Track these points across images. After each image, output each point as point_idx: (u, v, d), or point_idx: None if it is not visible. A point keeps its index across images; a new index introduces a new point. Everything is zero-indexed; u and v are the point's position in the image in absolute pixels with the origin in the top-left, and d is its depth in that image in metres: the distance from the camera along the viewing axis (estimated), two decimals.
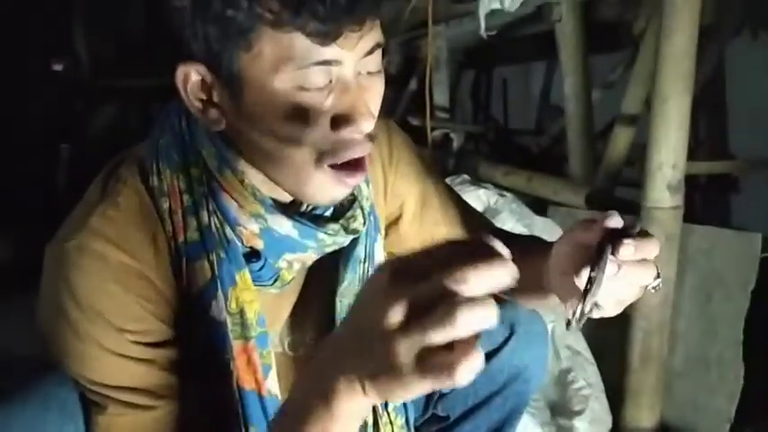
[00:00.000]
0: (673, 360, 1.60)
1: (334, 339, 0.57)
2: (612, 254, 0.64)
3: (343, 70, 0.70)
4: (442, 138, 2.40)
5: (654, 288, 0.69)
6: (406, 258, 0.51)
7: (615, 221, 0.67)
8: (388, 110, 2.57)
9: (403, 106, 2.60)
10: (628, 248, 0.64)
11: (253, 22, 0.67)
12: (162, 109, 0.83)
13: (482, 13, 1.89)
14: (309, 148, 0.72)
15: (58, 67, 3.33)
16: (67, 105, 3.45)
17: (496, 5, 1.88)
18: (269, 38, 0.67)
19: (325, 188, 0.75)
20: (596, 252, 0.65)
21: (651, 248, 0.66)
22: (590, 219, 0.69)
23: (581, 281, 0.67)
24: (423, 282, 0.48)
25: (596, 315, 0.68)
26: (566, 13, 1.91)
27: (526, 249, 0.89)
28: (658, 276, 0.68)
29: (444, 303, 0.47)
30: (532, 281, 0.81)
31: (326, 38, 0.67)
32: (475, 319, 0.46)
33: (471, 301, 0.47)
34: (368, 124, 0.72)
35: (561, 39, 1.95)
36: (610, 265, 0.63)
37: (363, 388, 0.50)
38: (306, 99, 0.69)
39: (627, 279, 0.66)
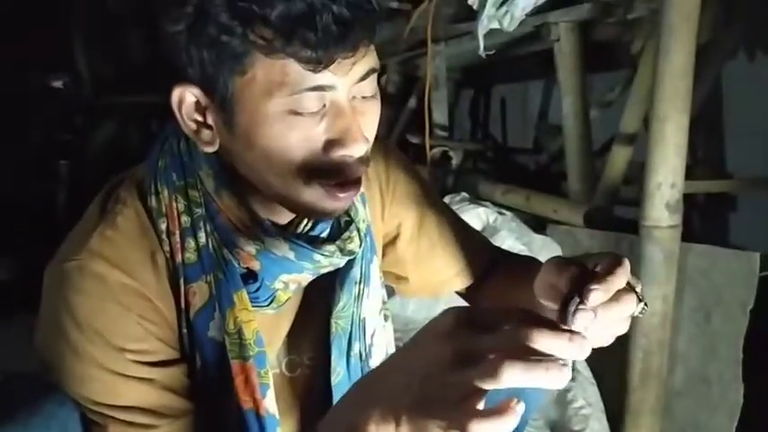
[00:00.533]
0: (673, 379, 1.59)
1: (375, 372, 0.59)
2: (583, 302, 0.59)
3: (337, 95, 0.71)
4: (441, 156, 2.41)
5: (640, 313, 0.65)
6: (474, 309, 0.55)
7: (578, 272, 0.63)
8: (388, 128, 2.59)
9: (402, 124, 2.62)
10: (596, 295, 0.59)
11: (246, 48, 0.67)
12: (162, 128, 0.84)
13: (481, 32, 1.91)
14: (300, 168, 0.72)
15: (57, 84, 3.34)
16: (68, 122, 3.47)
17: (495, 25, 1.90)
18: (262, 64, 0.68)
19: (317, 203, 0.75)
20: (562, 306, 0.60)
21: (620, 279, 0.61)
22: (560, 263, 0.65)
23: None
24: (486, 333, 0.52)
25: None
26: (564, 34, 1.93)
27: (524, 271, 0.89)
28: (641, 300, 0.64)
29: (498, 354, 0.50)
30: (525, 304, 0.81)
31: (319, 65, 0.67)
32: (520, 376, 0.49)
33: (524, 359, 0.49)
34: (360, 148, 0.73)
35: (559, 58, 1.97)
36: (582, 315, 0.58)
37: (397, 422, 0.52)
38: (299, 123, 0.70)
39: (608, 317, 0.62)
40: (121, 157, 3.29)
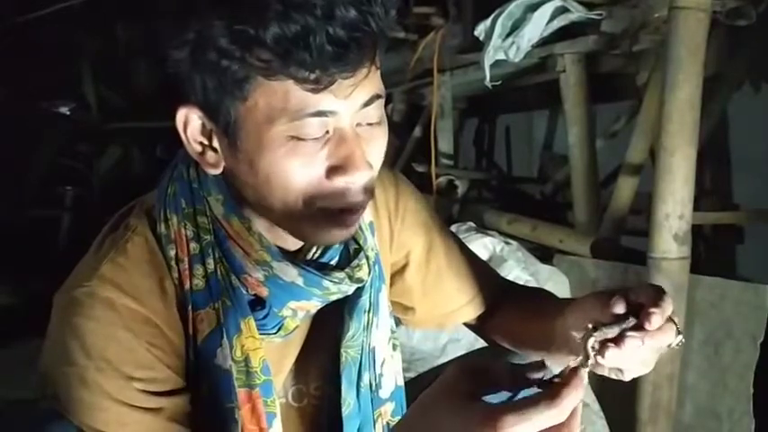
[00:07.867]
0: (682, 413, 1.57)
1: None
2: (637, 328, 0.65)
3: (340, 121, 0.70)
4: (447, 184, 2.41)
5: (677, 345, 0.68)
6: (478, 363, 0.60)
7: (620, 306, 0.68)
8: (394, 156, 2.60)
9: (408, 153, 2.63)
10: (656, 318, 0.65)
11: (246, 72, 0.67)
12: (170, 154, 0.84)
13: (487, 63, 1.92)
14: (302, 194, 0.72)
15: (65, 110, 3.37)
16: (73, 148, 3.49)
17: (501, 56, 1.91)
18: (263, 89, 0.68)
19: (318, 231, 0.75)
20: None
21: (669, 306, 0.67)
22: (605, 295, 0.70)
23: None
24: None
25: (627, 378, 0.71)
26: (569, 65, 1.94)
27: (537, 304, 0.89)
28: (679, 333, 0.68)
29: None
30: (542, 336, 0.82)
31: (318, 85, 0.67)
32: None
33: None
34: (363, 176, 0.72)
35: (565, 89, 1.97)
36: (632, 342, 0.64)
37: None
38: (301, 149, 0.70)
39: (655, 343, 0.66)
40: (126, 182, 3.30)
